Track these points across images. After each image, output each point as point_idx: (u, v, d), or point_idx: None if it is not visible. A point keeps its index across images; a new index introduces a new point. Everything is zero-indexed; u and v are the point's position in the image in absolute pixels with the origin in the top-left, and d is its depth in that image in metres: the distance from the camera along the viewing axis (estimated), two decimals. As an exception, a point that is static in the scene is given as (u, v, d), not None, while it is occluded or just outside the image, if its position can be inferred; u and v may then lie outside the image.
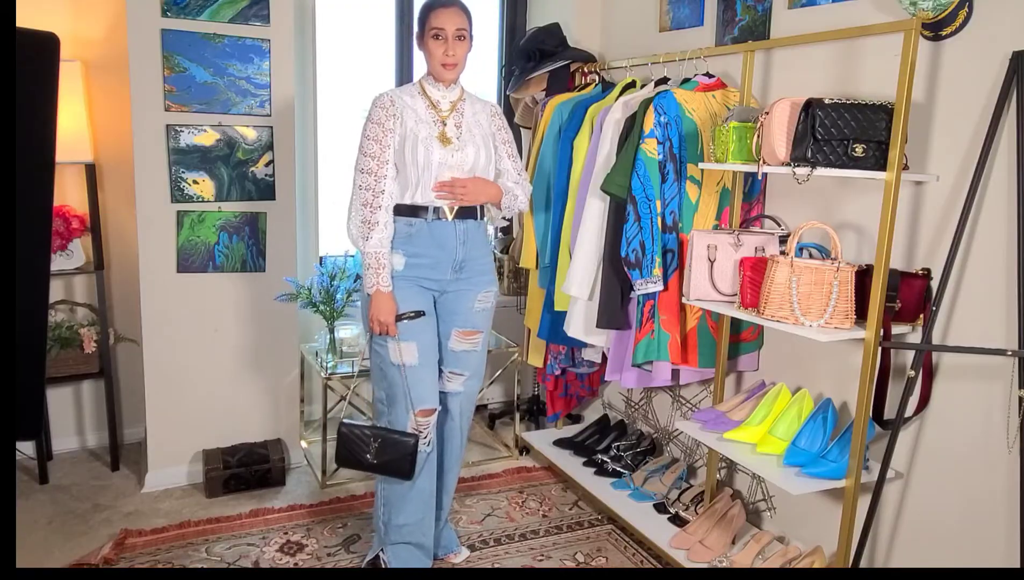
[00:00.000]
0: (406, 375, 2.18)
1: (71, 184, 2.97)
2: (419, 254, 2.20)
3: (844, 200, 2.31)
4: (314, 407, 3.49)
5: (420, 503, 2.29)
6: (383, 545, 2.33)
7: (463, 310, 2.30)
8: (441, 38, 2.13)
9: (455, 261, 2.24)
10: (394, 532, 2.29)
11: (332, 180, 3.49)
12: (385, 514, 2.30)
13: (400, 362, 2.18)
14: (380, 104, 2.16)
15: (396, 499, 2.27)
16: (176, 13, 2.68)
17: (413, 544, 2.31)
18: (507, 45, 3.72)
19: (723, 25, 2.72)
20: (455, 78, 2.21)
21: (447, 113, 2.21)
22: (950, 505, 2.07)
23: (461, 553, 2.51)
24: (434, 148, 2.15)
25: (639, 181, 2.40)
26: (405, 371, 2.18)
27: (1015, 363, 1.88)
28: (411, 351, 2.19)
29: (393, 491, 2.27)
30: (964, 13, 1.93)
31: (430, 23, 2.13)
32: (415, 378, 2.20)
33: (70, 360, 2.92)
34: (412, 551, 2.32)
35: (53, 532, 2.57)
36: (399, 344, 2.17)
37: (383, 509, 2.30)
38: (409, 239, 2.19)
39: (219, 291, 2.91)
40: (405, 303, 2.19)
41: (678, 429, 2.70)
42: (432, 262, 2.22)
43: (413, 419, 2.20)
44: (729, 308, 2.22)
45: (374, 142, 2.14)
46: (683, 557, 2.44)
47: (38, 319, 1.16)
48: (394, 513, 2.27)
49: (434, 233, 2.20)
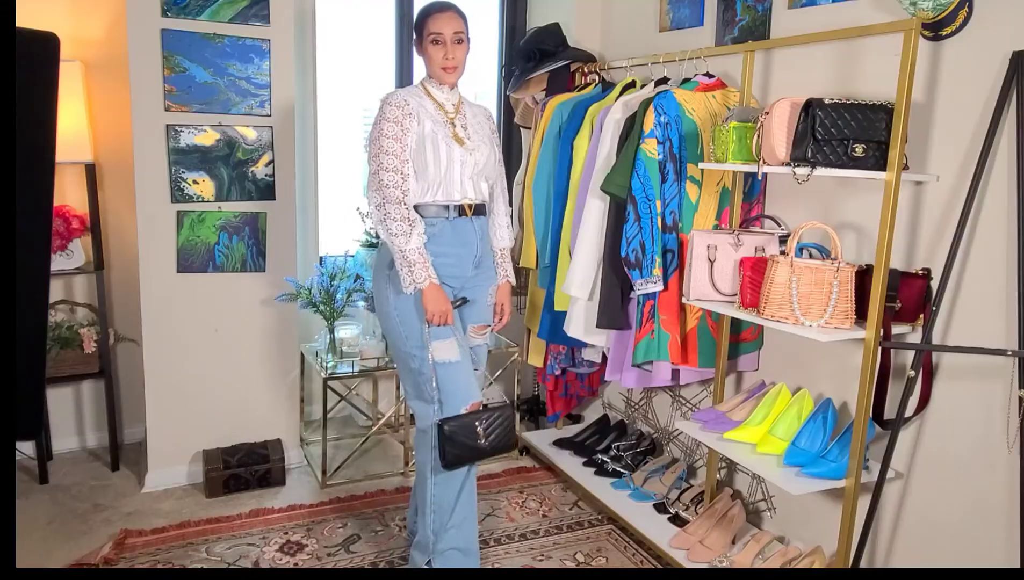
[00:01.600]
0: (453, 372, 2.16)
1: (71, 184, 2.97)
2: (443, 253, 2.19)
3: (844, 200, 2.31)
4: (314, 407, 3.49)
5: (470, 503, 2.26)
6: (431, 555, 2.24)
7: (479, 305, 2.33)
8: (440, 43, 2.14)
9: (475, 257, 2.26)
10: (444, 539, 2.22)
11: (332, 180, 3.49)
12: (437, 521, 2.22)
13: (446, 359, 2.15)
14: (395, 103, 2.13)
15: (448, 503, 2.21)
16: (176, 13, 2.68)
17: (460, 550, 2.24)
18: (507, 45, 3.72)
19: (723, 25, 2.72)
20: (456, 81, 2.22)
21: (453, 115, 2.23)
22: (950, 505, 2.07)
23: None
24: (454, 148, 2.16)
25: (639, 181, 2.40)
26: (451, 368, 2.16)
27: (1015, 363, 1.88)
28: (454, 348, 2.17)
29: (447, 495, 2.20)
30: (964, 13, 1.93)
31: (428, 28, 2.14)
32: (462, 373, 2.18)
33: (70, 360, 2.92)
34: (460, 556, 2.24)
35: (53, 532, 2.57)
36: (443, 342, 2.15)
37: (433, 516, 2.22)
38: (432, 238, 2.17)
39: (219, 291, 2.91)
40: None
41: (678, 429, 2.70)
42: (455, 260, 2.22)
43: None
44: (729, 308, 2.22)
45: (395, 141, 2.11)
46: (683, 557, 2.44)
47: (38, 319, 1.16)
48: (447, 518, 2.21)
49: (457, 231, 2.20)
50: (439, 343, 2.15)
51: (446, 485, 2.20)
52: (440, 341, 2.15)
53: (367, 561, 2.48)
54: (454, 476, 2.19)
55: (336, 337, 3.09)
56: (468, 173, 2.20)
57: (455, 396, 2.16)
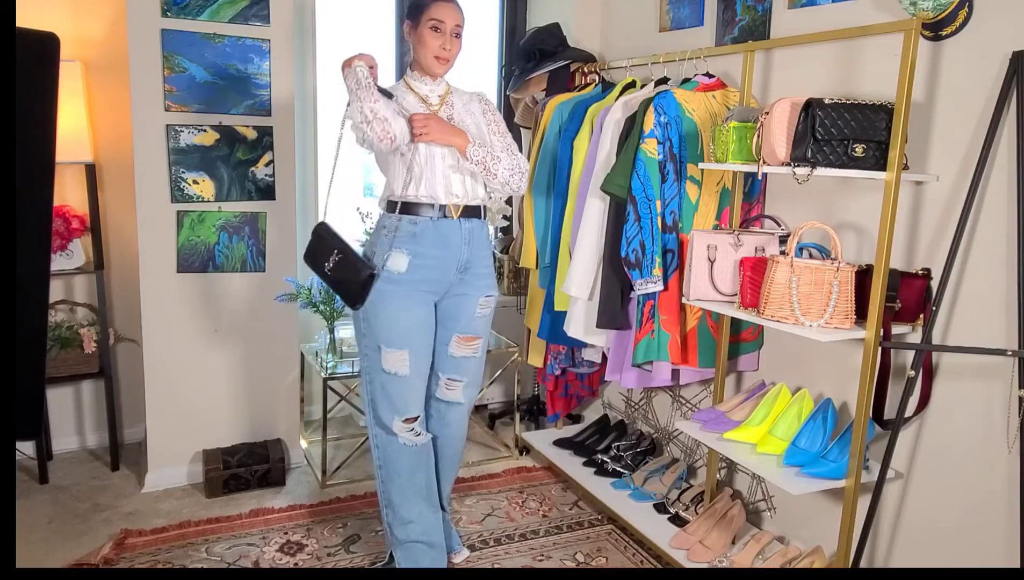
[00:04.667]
0: (395, 384, 2.17)
1: (71, 184, 2.97)
2: (423, 254, 2.14)
3: (844, 200, 2.31)
4: (314, 407, 3.49)
5: (419, 497, 2.27)
6: (393, 547, 2.32)
7: (465, 315, 2.27)
8: (439, 31, 2.10)
9: (460, 262, 2.20)
10: (401, 531, 2.28)
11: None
12: (389, 514, 2.29)
13: (392, 371, 2.16)
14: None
15: (395, 495, 2.26)
16: (176, 13, 2.68)
17: (423, 543, 2.29)
18: (507, 45, 3.72)
19: (723, 25, 2.72)
20: (444, 73, 2.19)
21: (437, 107, 2.20)
22: (950, 505, 2.07)
23: (461, 553, 2.51)
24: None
25: (639, 181, 2.40)
26: (395, 380, 2.16)
27: (1015, 363, 1.88)
28: (403, 360, 2.16)
29: (391, 488, 2.26)
30: (964, 13, 1.93)
31: (429, 14, 2.10)
32: (405, 387, 2.18)
33: (70, 360, 2.92)
34: (423, 550, 2.29)
35: (53, 532, 2.57)
36: (392, 352, 2.14)
37: (386, 510, 2.30)
38: (413, 238, 2.13)
39: (219, 291, 2.91)
40: (404, 312, 2.15)
41: (678, 429, 2.70)
42: (435, 263, 2.17)
43: (398, 423, 2.20)
44: (729, 308, 2.22)
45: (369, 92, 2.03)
46: (683, 557, 2.44)
47: (38, 319, 1.16)
48: (397, 510, 2.26)
49: (440, 232, 2.15)
50: (392, 352, 2.15)
51: (389, 481, 2.26)
52: (393, 350, 2.15)
53: (367, 561, 2.48)
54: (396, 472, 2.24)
55: (336, 337, 3.09)
56: (452, 165, 2.15)
57: (388, 404, 2.19)
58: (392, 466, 2.25)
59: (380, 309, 2.14)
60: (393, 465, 2.25)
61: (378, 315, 2.15)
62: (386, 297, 2.13)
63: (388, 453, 2.24)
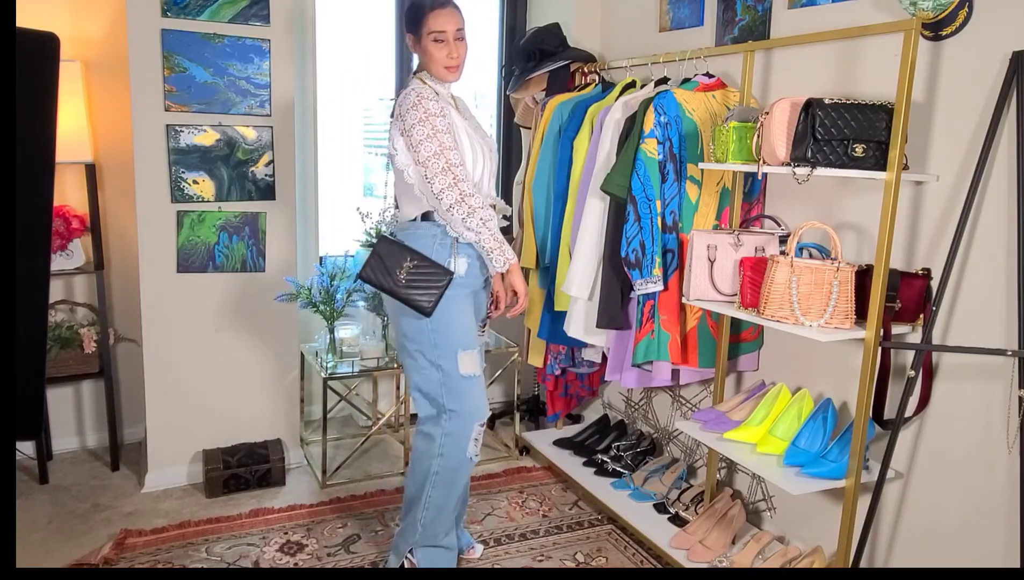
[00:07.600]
0: (475, 387, 2.15)
1: (71, 184, 2.97)
2: (473, 256, 2.16)
3: (844, 200, 2.31)
4: (314, 407, 3.49)
5: (462, 503, 2.31)
6: (413, 546, 2.28)
7: (480, 305, 2.33)
8: (442, 41, 2.08)
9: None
10: (431, 534, 2.25)
11: (332, 180, 3.49)
12: (429, 515, 2.23)
13: (469, 373, 2.14)
14: (430, 97, 2.03)
15: (446, 504, 2.23)
16: (176, 13, 2.68)
17: (443, 547, 2.29)
18: (507, 45, 3.72)
19: (723, 25, 2.72)
20: (458, 78, 2.17)
21: (451, 107, 2.21)
22: (950, 505, 2.07)
23: (476, 549, 2.52)
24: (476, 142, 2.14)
25: (639, 181, 2.40)
26: (473, 383, 2.15)
27: (1015, 363, 1.88)
28: (475, 360, 2.16)
29: (446, 495, 2.22)
30: (964, 13, 1.93)
31: (428, 26, 2.08)
32: (481, 388, 2.18)
33: (70, 360, 2.92)
34: (442, 552, 2.30)
35: (53, 532, 2.57)
36: (469, 354, 2.13)
37: (425, 512, 2.22)
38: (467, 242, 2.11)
39: (219, 291, 2.91)
40: (467, 314, 2.16)
41: (678, 429, 2.70)
42: (478, 264, 2.20)
43: (476, 430, 2.17)
44: (729, 308, 2.23)
45: (449, 134, 2.03)
46: (683, 557, 2.44)
47: (38, 319, 1.16)
48: (439, 514, 2.23)
49: None
50: (466, 355, 2.12)
51: (445, 489, 2.21)
52: (467, 352, 2.13)
53: (367, 561, 2.48)
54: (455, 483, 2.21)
55: (336, 337, 3.09)
56: (491, 170, 2.20)
57: (469, 414, 2.15)
58: (452, 475, 2.21)
59: (450, 313, 2.11)
60: (454, 475, 2.21)
61: (451, 320, 2.12)
62: (451, 301, 2.11)
63: (452, 463, 2.19)
